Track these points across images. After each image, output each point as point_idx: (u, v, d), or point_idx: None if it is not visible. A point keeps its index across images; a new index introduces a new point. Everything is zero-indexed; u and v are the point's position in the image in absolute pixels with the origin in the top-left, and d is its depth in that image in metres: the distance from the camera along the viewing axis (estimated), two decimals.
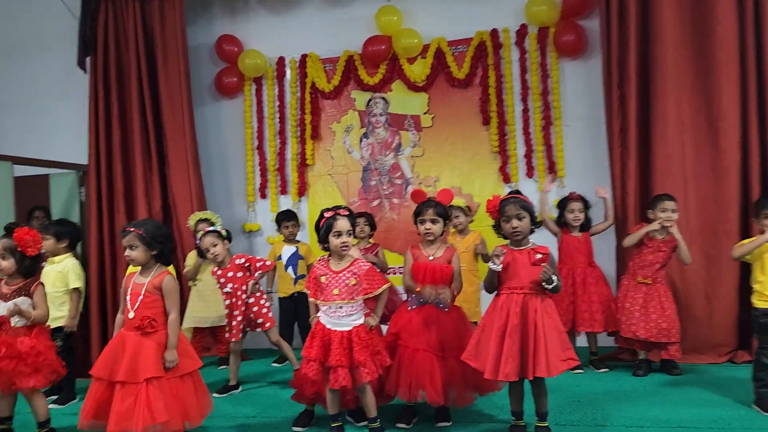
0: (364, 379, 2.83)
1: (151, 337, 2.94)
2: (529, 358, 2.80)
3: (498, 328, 2.86)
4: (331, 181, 5.63)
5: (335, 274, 2.96)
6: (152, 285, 2.99)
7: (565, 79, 5.13)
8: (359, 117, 5.57)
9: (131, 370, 2.87)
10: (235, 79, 5.72)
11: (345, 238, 2.95)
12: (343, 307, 2.92)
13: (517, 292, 2.88)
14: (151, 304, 2.97)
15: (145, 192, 5.37)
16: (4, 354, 3.02)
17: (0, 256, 3.11)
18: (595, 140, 4.93)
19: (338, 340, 2.87)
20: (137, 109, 5.40)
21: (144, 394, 2.83)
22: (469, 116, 5.31)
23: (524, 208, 2.93)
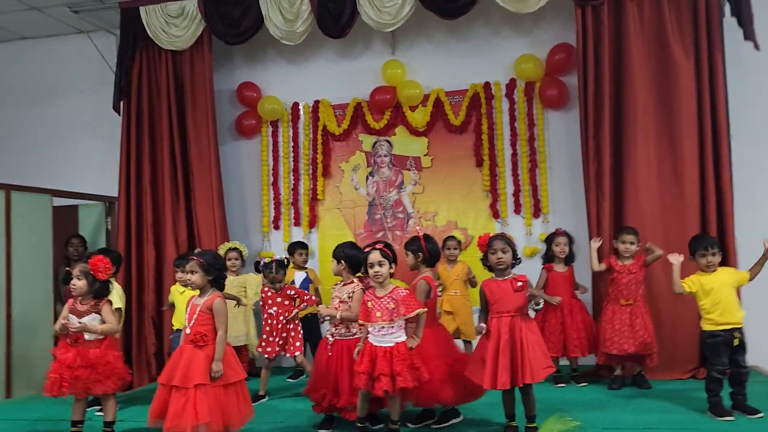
0: (399, 385, 3.39)
1: (203, 349, 3.48)
2: (518, 369, 3.41)
3: (492, 347, 3.47)
4: (339, 214, 6.24)
5: (378, 300, 3.54)
6: (205, 306, 3.54)
7: (549, 127, 5.82)
8: (366, 157, 6.21)
9: (184, 376, 3.40)
10: (253, 122, 6.35)
11: (377, 268, 3.54)
12: (385, 327, 3.48)
13: (505, 315, 3.49)
14: (203, 322, 3.52)
15: (172, 223, 5.93)
16: (79, 364, 3.56)
17: (76, 277, 3.67)
18: (575, 181, 5.57)
19: (382, 354, 3.44)
20: (167, 148, 5.99)
21: (192, 398, 3.36)
22: (464, 158, 5.97)
23: (508, 243, 3.58)
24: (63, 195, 6.05)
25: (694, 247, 3.99)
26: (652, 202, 5.01)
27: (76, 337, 3.63)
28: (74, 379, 3.56)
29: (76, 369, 3.56)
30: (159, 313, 5.89)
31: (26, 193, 5.56)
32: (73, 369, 3.56)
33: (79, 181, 6.43)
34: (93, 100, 6.77)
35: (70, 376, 3.56)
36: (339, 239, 5.99)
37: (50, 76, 6.88)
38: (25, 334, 5.37)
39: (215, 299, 3.57)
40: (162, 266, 5.95)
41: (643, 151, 5.04)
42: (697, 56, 4.98)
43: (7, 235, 5.30)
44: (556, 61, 5.67)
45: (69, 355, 3.59)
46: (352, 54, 6.25)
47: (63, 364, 3.58)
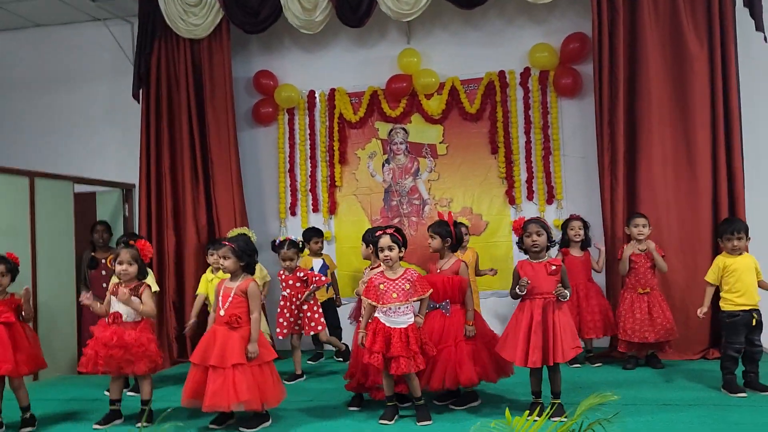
0: (416, 369, 3.54)
1: (237, 331, 3.61)
2: (549, 348, 3.55)
3: (525, 326, 3.60)
4: (356, 201, 6.35)
5: (392, 282, 3.66)
6: (239, 289, 3.68)
7: (563, 115, 5.93)
8: (382, 145, 6.32)
9: (220, 356, 3.54)
10: (270, 110, 6.44)
11: (387, 252, 3.66)
12: (401, 307, 3.62)
13: (538, 297, 3.62)
14: (238, 305, 3.66)
15: (192, 209, 6.04)
16: (115, 343, 3.67)
17: (128, 263, 3.77)
18: (588, 169, 5.73)
19: (398, 336, 3.56)
20: (186, 135, 6.08)
21: (231, 377, 3.49)
22: (479, 146, 6.09)
23: (543, 227, 3.69)
24: (84, 182, 6.14)
25: (723, 229, 4.15)
26: (666, 188, 5.15)
27: (115, 318, 3.74)
28: (109, 358, 3.67)
29: (111, 348, 3.67)
30: (180, 297, 6.01)
31: (49, 180, 5.64)
32: (109, 347, 3.67)
33: (96, 168, 6.52)
34: (109, 88, 6.84)
35: (105, 354, 3.67)
36: (356, 225, 6.19)
37: (67, 64, 6.93)
38: (49, 319, 5.48)
39: (249, 283, 3.70)
40: (182, 251, 6.06)
41: (657, 139, 5.17)
42: (710, 45, 5.10)
43: (32, 221, 5.38)
44: (570, 50, 5.77)
45: (106, 334, 3.70)
46: (368, 43, 6.33)
47: (100, 341, 3.70)
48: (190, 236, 6.03)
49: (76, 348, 5.73)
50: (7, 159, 6.03)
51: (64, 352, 5.65)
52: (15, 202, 5.28)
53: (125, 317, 3.77)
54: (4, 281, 3.82)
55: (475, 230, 5.96)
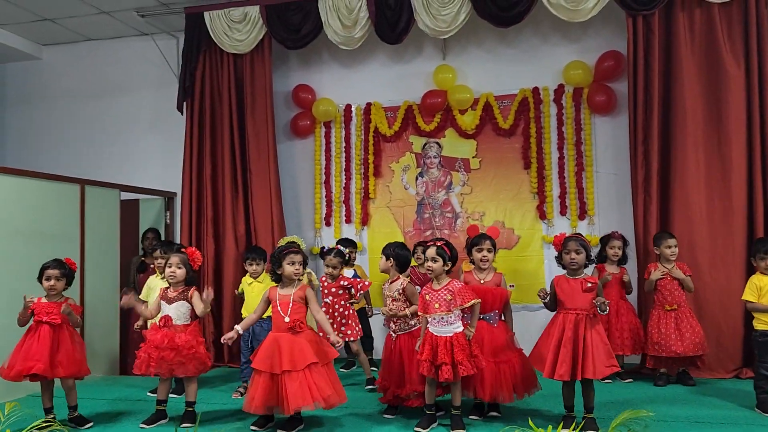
0: (461, 374, 3.63)
1: (301, 335, 3.77)
2: (578, 363, 3.62)
3: (555, 339, 3.68)
4: (389, 213, 6.49)
5: (435, 292, 3.78)
6: (297, 296, 3.85)
7: (596, 132, 5.99)
8: (415, 158, 6.45)
9: (292, 360, 3.67)
10: (308, 122, 6.62)
11: (429, 263, 3.78)
12: (444, 317, 3.73)
13: (571, 312, 3.70)
14: (298, 311, 3.82)
15: (232, 218, 6.25)
16: (166, 345, 3.85)
17: (177, 266, 3.97)
18: (620, 185, 5.78)
19: (443, 344, 3.67)
20: (227, 146, 6.30)
21: (309, 377, 3.64)
22: (511, 161, 6.18)
23: (583, 245, 3.77)
24: (129, 190, 6.39)
25: (757, 248, 4.19)
26: (700, 206, 5.17)
27: (165, 321, 3.92)
28: (160, 360, 3.85)
29: (163, 350, 3.85)
30: (218, 304, 6.20)
31: (98, 188, 5.90)
32: (161, 350, 3.85)
33: (139, 177, 6.79)
34: (154, 100, 7.11)
35: (157, 356, 3.85)
36: (388, 237, 6.29)
37: (114, 76, 7.24)
38: (94, 321, 5.71)
39: (306, 289, 3.88)
40: (221, 259, 6.26)
41: (691, 157, 5.20)
42: (747, 65, 5.12)
43: (82, 227, 5.63)
44: (604, 68, 5.84)
45: (158, 336, 3.88)
46: (404, 58, 6.49)
47: (152, 344, 3.88)
48: (228, 245, 6.22)
49: (118, 349, 5.97)
50: (57, 166, 6.34)
51: (106, 353, 5.89)
52: (66, 209, 5.53)
53: (175, 320, 3.95)
54: (59, 285, 4.03)
55: (506, 244, 6.05)
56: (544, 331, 3.84)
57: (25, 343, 3.92)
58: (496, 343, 3.96)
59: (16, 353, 3.91)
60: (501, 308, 4.05)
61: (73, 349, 4.01)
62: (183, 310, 3.99)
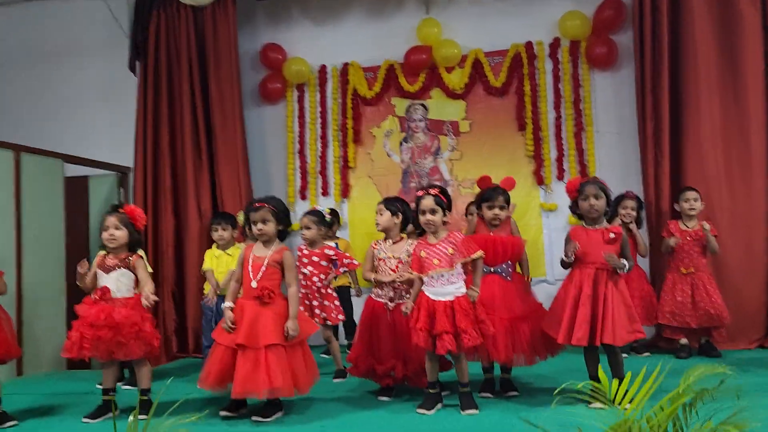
0: (466, 344, 3.03)
1: (269, 307, 3.13)
2: (597, 325, 3.07)
3: (572, 297, 3.14)
4: (371, 183, 5.88)
5: (433, 247, 3.20)
6: (273, 259, 3.19)
7: (596, 88, 5.49)
8: (399, 122, 5.86)
9: (250, 335, 3.05)
10: (278, 86, 5.96)
11: (429, 216, 3.18)
12: (444, 275, 3.14)
13: (590, 266, 3.16)
14: (270, 277, 3.18)
15: (195, 191, 5.55)
16: (103, 322, 3.15)
17: (114, 227, 3.27)
18: (624, 145, 5.31)
19: (442, 309, 3.08)
20: (188, 111, 5.60)
21: (263, 360, 3.01)
22: (505, 122, 5.65)
23: (602, 189, 3.22)
24: (75, 161, 5.62)
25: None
26: (716, 161, 4.71)
27: (102, 294, 3.23)
28: (96, 340, 3.15)
29: (99, 328, 3.15)
30: (180, 287, 5.50)
31: (37, 156, 5.13)
32: (96, 328, 3.15)
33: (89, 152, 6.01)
34: (103, 64, 6.35)
35: (92, 336, 3.15)
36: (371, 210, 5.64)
37: (57, 39, 6.43)
38: (35, 309, 4.95)
39: (284, 252, 3.23)
40: (183, 236, 5.56)
41: (705, 108, 4.74)
42: (764, 6, 4.69)
43: (17, 200, 4.87)
44: (604, 17, 5.34)
45: (93, 312, 3.18)
46: (384, 14, 5.90)
47: (85, 321, 3.18)
48: (191, 220, 5.52)
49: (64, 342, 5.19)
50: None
51: (50, 346, 5.10)
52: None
53: (115, 292, 3.26)
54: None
55: None
56: (559, 291, 3.30)
57: None
58: (511, 299, 3.39)
59: None
60: (515, 259, 3.49)
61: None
62: (124, 281, 3.31)
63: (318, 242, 4.27)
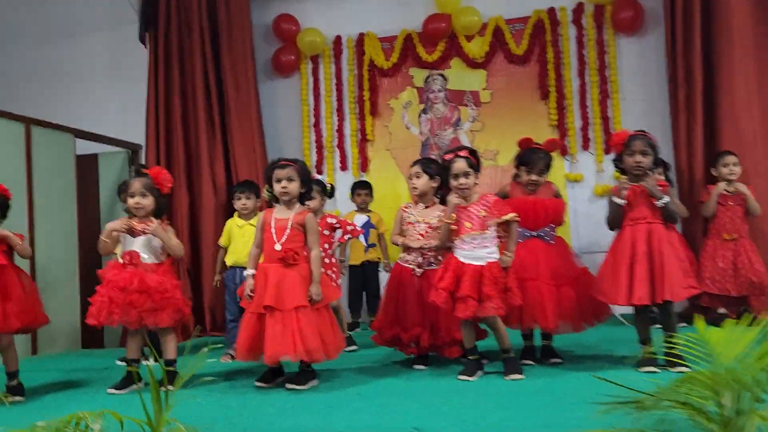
0: (488, 312, 2.90)
1: (294, 269, 2.99)
2: (656, 283, 2.92)
3: (627, 256, 2.99)
4: (390, 156, 5.72)
5: (465, 210, 3.05)
6: (296, 221, 3.05)
7: (622, 54, 5.33)
8: (417, 93, 5.69)
9: (277, 297, 2.92)
10: (292, 58, 5.79)
11: (462, 179, 3.03)
12: (477, 238, 3.00)
13: (642, 222, 3.01)
14: (294, 239, 3.03)
15: (209, 165, 5.38)
16: (136, 287, 3.01)
17: (140, 194, 3.12)
18: (651, 113, 5.14)
19: (470, 273, 2.94)
20: (201, 84, 5.43)
21: (294, 321, 2.88)
22: (527, 91, 5.48)
23: (651, 145, 3.06)
24: (86, 137, 5.46)
25: None
26: (752, 125, 4.55)
27: (132, 258, 3.08)
28: (127, 305, 3.00)
29: (130, 293, 3.00)
30: (195, 264, 5.36)
31: (47, 130, 4.97)
32: (127, 292, 3.00)
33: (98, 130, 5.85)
34: (112, 39, 6.19)
35: (123, 301, 2.99)
36: (390, 184, 5.56)
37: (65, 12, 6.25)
38: (47, 287, 4.79)
39: (306, 214, 3.08)
40: (197, 212, 5.41)
41: (740, 70, 4.57)
42: None
43: (29, 173, 4.72)
44: None
45: (124, 276, 3.03)
46: None
47: (115, 285, 3.02)
48: (206, 195, 5.37)
49: (79, 321, 5.05)
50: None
51: (64, 324, 4.96)
52: (9, 150, 4.61)
53: (144, 257, 3.11)
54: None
55: None
56: (608, 254, 3.14)
57: None
58: (555, 264, 3.24)
59: None
60: (558, 222, 3.35)
61: (24, 295, 3.13)
62: (154, 245, 3.16)
63: (320, 212, 4.12)
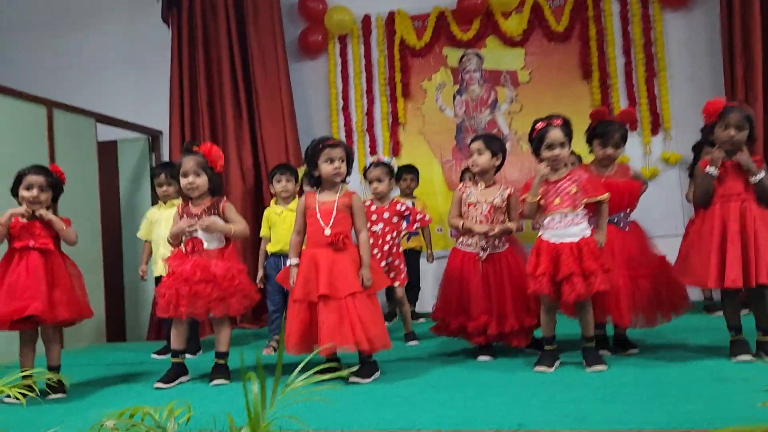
0: (596, 288, 2.66)
1: (344, 253, 2.78)
2: (750, 264, 2.69)
3: (717, 236, 2.75)
4: (423, 140, 5.48)
5: (554, 185, 2.82)
6: (342, 203, 2.84)
7: (668, 30, 5.09)
8: (452, 74, 5.44)
9: (331, 284, 2.70)
10: (319, 38, 5.54)
11: (557, 150, 2.80)
12: (568, 215, 2.77)
13: (734, 199, 2.78)
14: (342, 221, 2.83)
15: (237, 151, 5.15)
16: (200, 278, 2.80)
17: (194, 173, 2.89)
18: (699, 91, 4.89)
19: (568, 251, 2.71)
20: (227, 66, 5.21)
21: (351, 309, 2.67)
22: (568, 70, 5.24)
23: (747, 119, 2.81)
24: (107, 121, 5.23)
25: None
26: None
27: (194, 246, 2.87)
28: (193, 296, 2.80)
29: (195, 283, 2.80)
30: None
31: (69, 113, 4.74)
32: (192, 283, 2.80)
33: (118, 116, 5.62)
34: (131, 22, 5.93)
35: (189, 292, 2.79)
36: (423, 169, 5.30)
37: None
38: None
39: (353, 195, 2.87)
40: None
41: None
42: None
43: (51, 157, 4.48)
44: None
45: (187, 267, 2.83)
46: None
47: (179, 277, 2.82)
48: (234, 183, 5.14)
49: (104, 313, 4.83)
50: None
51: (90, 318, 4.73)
52: (31, 133, 4.37)
53: (207, 243, 2.89)
54: (44, 197, 2.92)
55: None
56: (692, 233, 2.89)
57: (6, 278, 2.80)
58: (631, 252, 3.01)
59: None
60: (632, 206, 3.12)
61: (71, 285, 2.92)
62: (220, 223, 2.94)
63: (387, 197, 3.88)
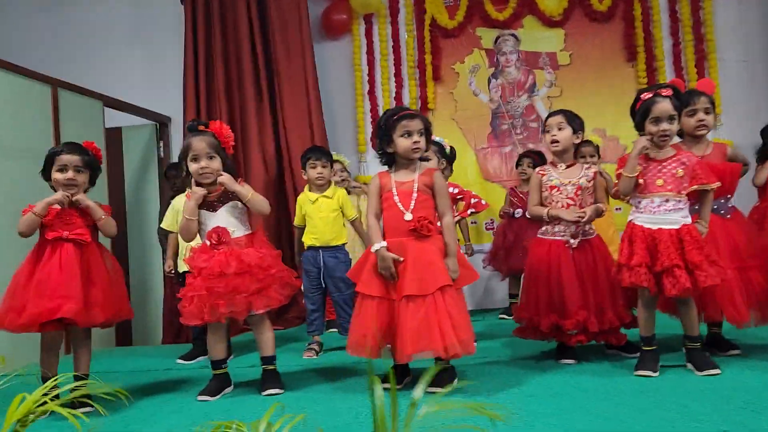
0: (707, 283, 2.32)
1: (429, 241, 2.40)
2: None
3: None
4: (456, 126, 5.13)
5: (658, 164, 2.49)
6: (423, 183, 2.46)
7: (718, 10, 4.79)
8: (486, 56, 5.10)
9: (419, 281, 2.33)
10: (343, 17, 5.16)
11: (664, 125, 2.46)
12: (670, 200, 2.44)
13: None
14: (424, 204, 2.45)
15: (258, 138, 4.77)
16: (235, 269, 2.41)
17: (207, 157, 2.49)
18: (752, 74, 4.68)
19: (667, 239, 2.38)
20: (246, 46, 4.84)
21: (440, 307, 2.30)
22: (611, 52, 4.92)
23: None
24: (114, 105, 4.82)
25: None
26: None
27: (219, 236, 2.47)
28: (232, 293, 2.40)
29: (230, 277, 2.40)
30: None
31: (75, 94, 4.33)
32: (228, 277, 2.40)
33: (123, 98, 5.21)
34: None
35: (225, 289, 2.40)
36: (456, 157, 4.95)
37: None
38: None
39: (434, 173, 2.49)
40: None
41: None
42: None
43: (57, 139, 4.07)
44: None
45: (218, 259, 2.43)
46: None
47: (211, 273, 2.41)
48: (256, 172, 4.76)
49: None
50: None
51: None
52: (36, 113, 3.97)
53: (232, 231, 2.51)
54: (81, 179, 2.52)
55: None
56: None
57: (37, 273, 2.40)
58: (737, 242, 2.68)
59: (19, 289, 2.39)
60: (733, 190, 2.79)
61: (109, 282, 2.52)
62: (237, 214, 2.56)
63: None
